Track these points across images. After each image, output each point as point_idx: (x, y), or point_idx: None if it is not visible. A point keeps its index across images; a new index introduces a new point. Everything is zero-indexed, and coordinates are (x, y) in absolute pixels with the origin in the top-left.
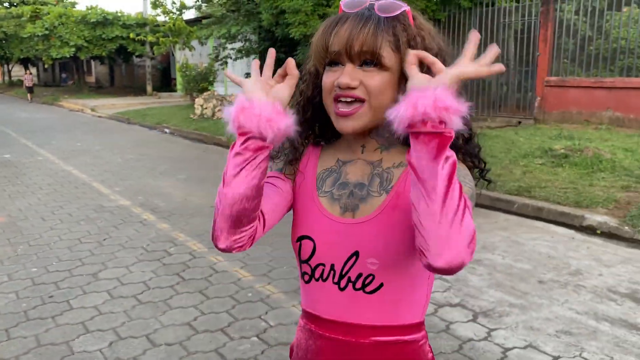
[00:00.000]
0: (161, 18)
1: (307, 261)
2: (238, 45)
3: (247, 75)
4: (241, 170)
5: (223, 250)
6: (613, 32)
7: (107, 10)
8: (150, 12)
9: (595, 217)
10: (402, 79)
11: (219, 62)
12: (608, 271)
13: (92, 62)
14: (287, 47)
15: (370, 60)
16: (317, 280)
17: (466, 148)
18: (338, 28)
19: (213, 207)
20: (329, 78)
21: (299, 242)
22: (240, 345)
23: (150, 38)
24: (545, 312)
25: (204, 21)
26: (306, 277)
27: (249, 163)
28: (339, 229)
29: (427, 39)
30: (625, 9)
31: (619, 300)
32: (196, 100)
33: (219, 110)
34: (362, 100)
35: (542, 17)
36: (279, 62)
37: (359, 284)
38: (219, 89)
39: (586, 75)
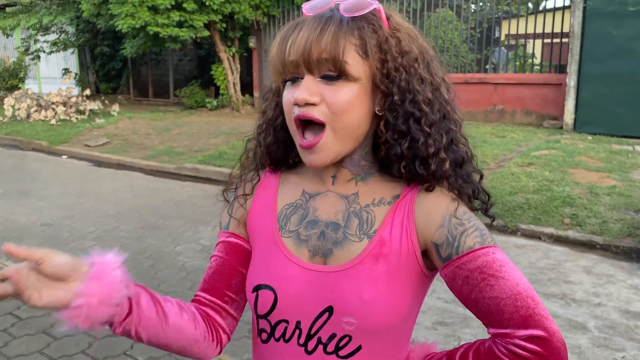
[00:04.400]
0: None
1: (265, 316)
2: (53, 37)
3: (66, 70)
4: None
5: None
6: (433, 31)
7: None
8: None
9: None
10: (374, 91)
11: (30, 57)
12: None
13: None
14: (112, 40)
15: (333, 71)
16: (277, 340)
17: (460, 174)
18: (295, 35)
19: (44, 226)
20: (288, 95)
21: (255, 293)
22: None
23: None
24: None
25: (7, 9)
26: (264, 336)
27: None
28: (309, 278)
29: (403, 41)
30: (441, 10)
31: None
32: (5, 100)
33: (36, 110)
34: (321, 124)
35: None
36: (102, 57)
37: (331, 347)
38: (32, 86)
39: None
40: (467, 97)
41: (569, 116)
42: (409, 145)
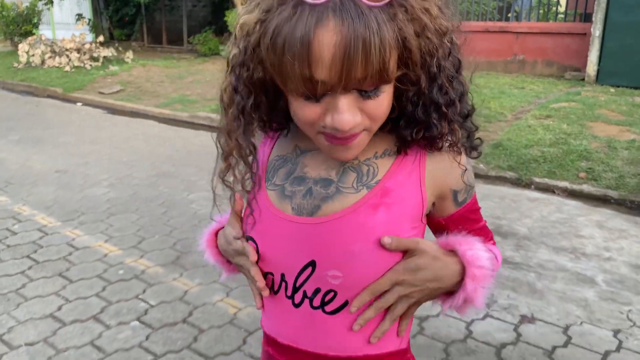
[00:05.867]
0: None
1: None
2: None
3: (79, 16)
4: None
5: None
6: None
7: None
8: None
9: None
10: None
11: (43, 2)
12: None
13: None
14: None
15: (374, 85)
16: (270, 291)
17: (458, 109)
18: (320, 42)
19: (59, 172)
20: (311, 112)
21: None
22: (120, 333)
23: None
24: None
25: None
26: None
27: None
28: (289, 230)
29: (431, 10)
30: None
31: None
32: (20, 46)
33: (50, 57)
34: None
35: None
36: (116, 2)
37: (317, 301)
38: (46, 32)
39: None
40: (487, 47)
41: (591, 67)
42: (423, 133)
